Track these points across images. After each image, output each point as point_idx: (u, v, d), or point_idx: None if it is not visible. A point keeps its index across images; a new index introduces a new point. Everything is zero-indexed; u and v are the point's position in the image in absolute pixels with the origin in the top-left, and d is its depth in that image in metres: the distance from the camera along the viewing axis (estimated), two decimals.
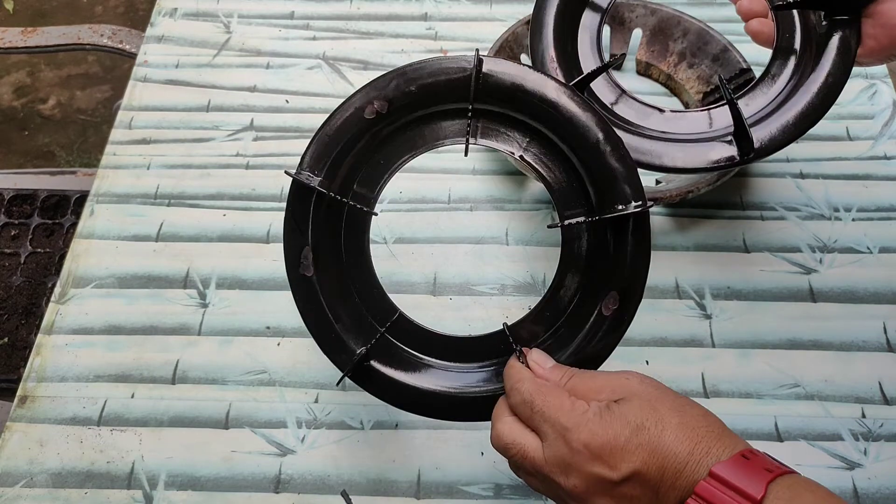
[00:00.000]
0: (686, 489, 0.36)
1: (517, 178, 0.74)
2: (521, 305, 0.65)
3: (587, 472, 0.38)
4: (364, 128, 0.46)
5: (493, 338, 0.48)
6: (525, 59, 0.76)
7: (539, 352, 0.45)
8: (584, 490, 0.38)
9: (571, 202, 0.47)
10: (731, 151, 0.58)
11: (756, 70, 0.69)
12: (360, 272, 0.49)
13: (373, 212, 0.48)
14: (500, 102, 0.46)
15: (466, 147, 0.48)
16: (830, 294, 0.66)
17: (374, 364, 0.48)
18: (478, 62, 0.45)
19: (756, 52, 0.67)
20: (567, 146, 0.46)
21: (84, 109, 1.76)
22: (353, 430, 0.59)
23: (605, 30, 0.80)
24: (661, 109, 0.61)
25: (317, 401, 0.61)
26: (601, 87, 0.61)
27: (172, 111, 0.79)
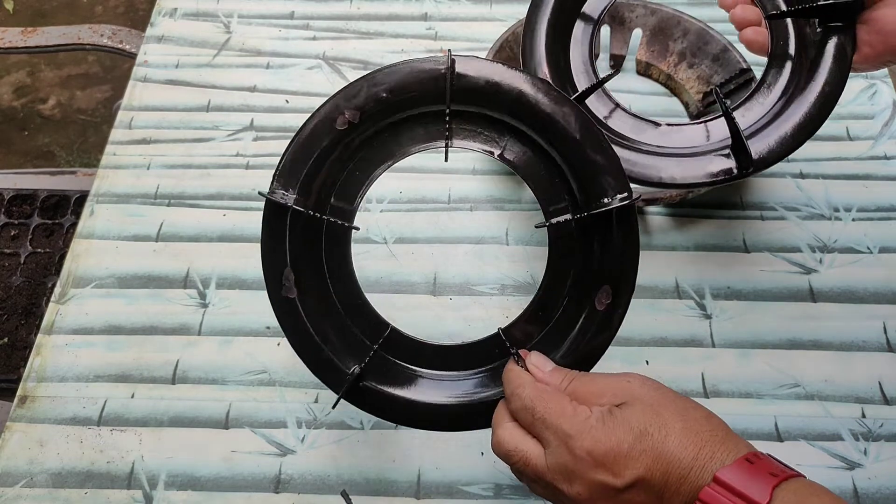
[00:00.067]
0: (691, 495, 0.35)
1: (517, 178, 0.73)
2: (521, 305, 0.65)
3: (590, 480, 0.37)
4: (336, 139, 0.45)
5: (489, 342, 0.47)
6: None
7: (538, 354, 0.44)
8: (588, 497, 0.38)
9: (556, 198, 0.46)
10: (730, 164, 0.57)
11: (756, 70, 0.69)
12: (346, 288, 0.47)
13: (353, 226, 0.46)
14: (476, 102, 0.45)
15: (446, 152, 0.47)
16: (830, 294, 0.66)
17: (369, 383, 0.46)
18: (451, 63, 0.44)
19: None
20: (547, 142, 0.45)
21: (84, 109, 1.76)
22: (353, 430, 0.59)
23: (605, 30, 0.80)
24: (657, 123, 0.60)
25: (317, 401, 0.61)
26: (594, 101, 0.61)
27: (172, 111, 0.79)
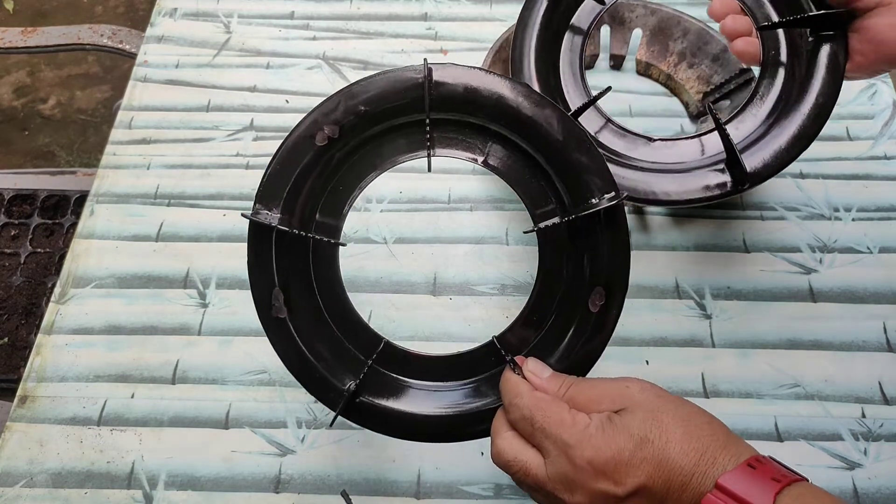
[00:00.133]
0: (693, 502, 0.35)
1: None
2: (521, 305, 0.64)
3: (592, 489, 0.37)
4: (317, 155, 0.44)
5: (484, 349, 0.47)
6: None
7: (535, 361, 0.44)
8: None
9: (543, 202, 0.46)
10: (725, 179, 0.57)
11: (755, 70, 0.69)
12: (337, 304, 0.47)
13: (339, 242, 0.46)
14: (457, 109, 0.45)
15: (429, 162, 0.46)
16: (830, 294, 0.66)
17: (366, 398, 0.46)
18: (428, 72, 0.43)
19: None
20: (530, 146, 0.45)
21: (84, 109, 1.76)
22: (353, 430, 0.59)
23: (605, 30, 0.80)
24: (650, 139, 0.59)
25: (317, 401, 0.61)
26: (584, 117, 0.60)
27: (172, 111, 0.79)
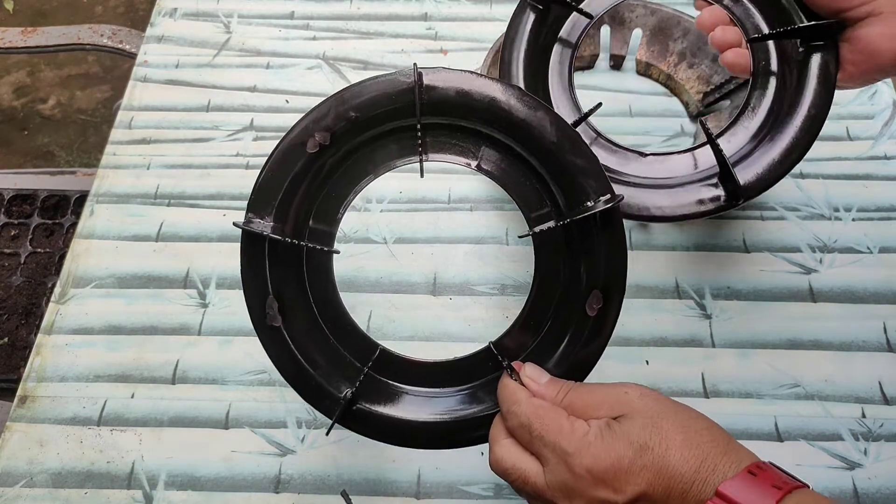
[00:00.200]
0: None
1: None
2: (521, 305, 0.65)
3: (591, 497, 0.37)
4: (309, 162, 0.44)
5: (481, 355, 0.46)
6: None
7: (532, 366, 0.43)
8: None
9: (538, 205, 0.45)
10: (719, 193, 0.56)
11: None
12: (332, 311, 0.46)
13: (332, 250, 0.46)
14: (448, 113, 0.44)
15: (421, 167, 0.46)
16: (830, 294, 0.66)
17: (362, 405, 0.46)
18: (418, 76, 0.43)
19: None
20: (524, 148, 0.44)
21: (84, 109, 1.76)
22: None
23: (605, 30, 0.80)
24: (643, 153, 0.59)
25: None
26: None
27: (172, 111, 0.79)
